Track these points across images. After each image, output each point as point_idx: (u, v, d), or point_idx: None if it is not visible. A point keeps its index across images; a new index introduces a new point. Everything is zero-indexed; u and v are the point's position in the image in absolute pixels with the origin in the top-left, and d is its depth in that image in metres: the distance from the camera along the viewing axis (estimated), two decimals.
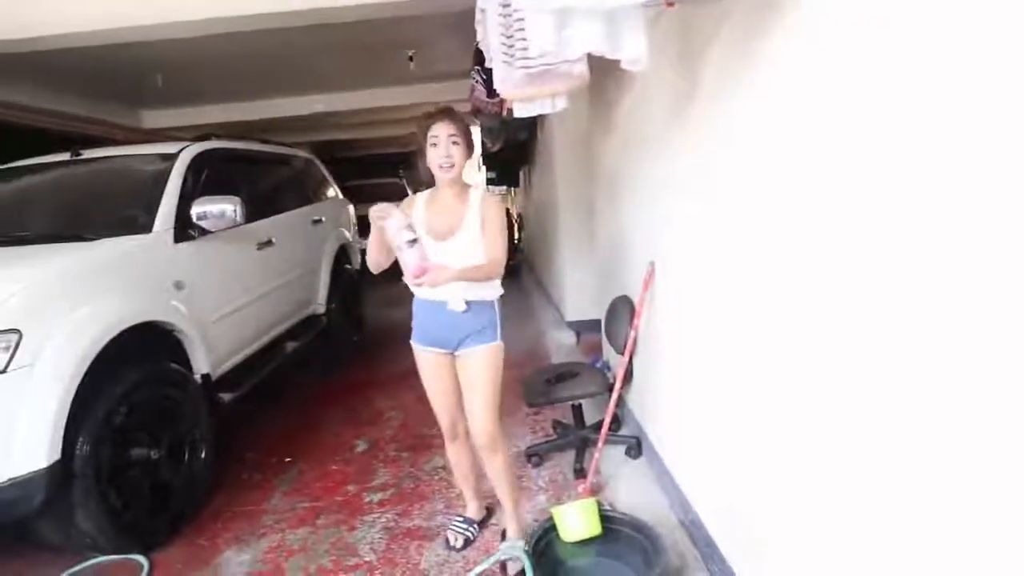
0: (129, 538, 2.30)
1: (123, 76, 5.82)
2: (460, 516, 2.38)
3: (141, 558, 2.29)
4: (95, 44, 3.75)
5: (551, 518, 2.05)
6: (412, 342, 2.14)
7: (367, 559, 2.27)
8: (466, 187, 2.06)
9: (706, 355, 2.01)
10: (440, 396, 2.15)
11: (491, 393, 2.04)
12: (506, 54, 1.86)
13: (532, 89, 2.19)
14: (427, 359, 2.12)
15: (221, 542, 2.44)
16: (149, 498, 2.41)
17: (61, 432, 2.06)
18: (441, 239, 1.98)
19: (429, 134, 1.98)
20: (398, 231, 1.84)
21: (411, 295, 2.10)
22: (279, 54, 5.57)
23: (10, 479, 1.94)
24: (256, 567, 2.27)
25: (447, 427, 2.21)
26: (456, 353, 2.07)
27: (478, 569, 2.09)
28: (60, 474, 2.05)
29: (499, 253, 1.97)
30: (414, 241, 1.85)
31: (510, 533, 2.19)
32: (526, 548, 1.97)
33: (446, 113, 2.02)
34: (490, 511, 2.42)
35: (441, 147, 1.96)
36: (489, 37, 1.94)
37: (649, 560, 1.88)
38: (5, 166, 3.37)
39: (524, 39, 1.68)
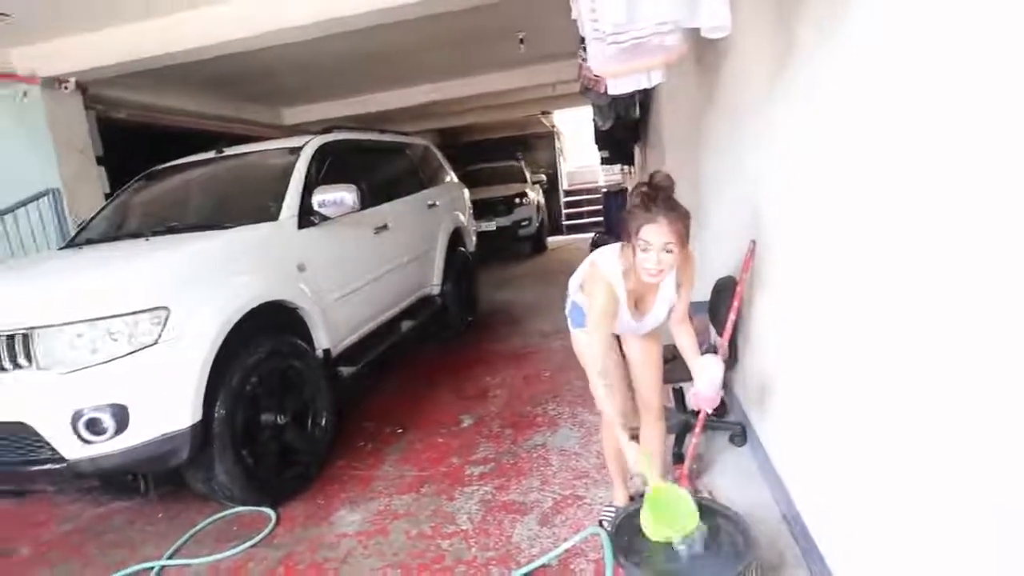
0: (259, 493, 2.60)
1: (262, 79, 6.45)
2: (611, 506, 2.33)
3: (270, 511, 2.58)
4: (232, 52, 4.28)
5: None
6: (576, 329, 2.13)
7: (464, 528, 2.38)
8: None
9: (815, 343, 1.83)
10: (615, 370, 2.12)
11: (660, 368, 2.24)
12: (596, 30, 1.82)
13: (624, 65, 2.11)
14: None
15: (337, 502, 2.68)
16: (276, 459, 2.70)
17: (202, 396, 2.36)
18: (640, 317, 2.00)
19: (641, 234, 1.72)
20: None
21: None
22: (395, 49, 5.87)
23: (162, 435, 2.26)
24: (365, 527, 2.47)
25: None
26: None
27: (565, 545, 2.12)
28: (201, 432, 2.36)
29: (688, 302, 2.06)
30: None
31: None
32: (608, 529, 1.96)
33: (664, 211, 1.71)
34: (632, 499, 2.33)
35: (652, 254, 1.71)
36: (581, 14, 1.91)
37: (740, 553, 1.80)
38: (164, 165, 3.87)
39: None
